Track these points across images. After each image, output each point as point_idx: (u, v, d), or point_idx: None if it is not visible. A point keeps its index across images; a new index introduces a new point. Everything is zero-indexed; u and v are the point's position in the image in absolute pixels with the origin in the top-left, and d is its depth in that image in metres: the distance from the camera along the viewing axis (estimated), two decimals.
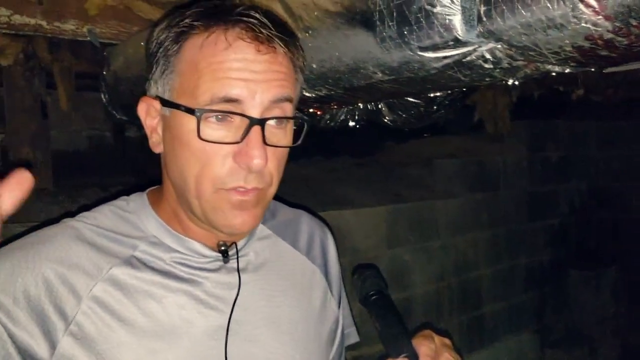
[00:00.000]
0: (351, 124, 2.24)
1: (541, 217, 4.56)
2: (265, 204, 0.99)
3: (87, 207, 1.06)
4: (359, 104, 1.82)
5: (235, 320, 1.00)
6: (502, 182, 4.25)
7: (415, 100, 1.76)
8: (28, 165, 0.72)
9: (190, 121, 0.91)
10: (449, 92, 1.70)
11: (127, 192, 1.11)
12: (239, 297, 1.01)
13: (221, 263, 1.02)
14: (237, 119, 0.91)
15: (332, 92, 1.38)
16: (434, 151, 4.37)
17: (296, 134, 1.04)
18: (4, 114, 2.93)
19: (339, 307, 1.21)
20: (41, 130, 2.93)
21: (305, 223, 1.22)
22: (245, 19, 0.92)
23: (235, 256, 1.04)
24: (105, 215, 1.03)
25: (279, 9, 1.38)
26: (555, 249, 4.69)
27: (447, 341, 1.02)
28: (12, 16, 1.97)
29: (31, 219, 2.54)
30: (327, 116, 2.13)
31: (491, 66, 1.08)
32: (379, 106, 1.96)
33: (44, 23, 2.05)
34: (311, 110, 1.62)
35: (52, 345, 0.89)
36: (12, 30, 2.00)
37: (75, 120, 3.37)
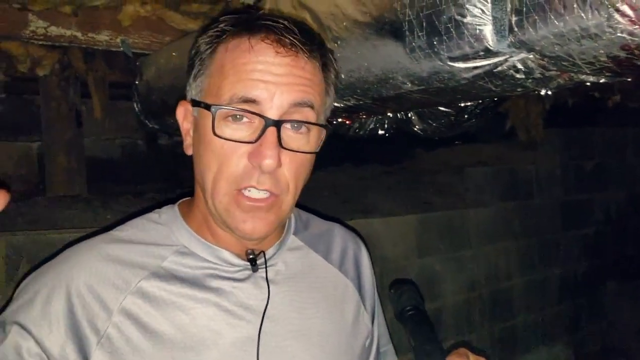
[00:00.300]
0: (380, 132, 2.23)
1: (576, 227, 4.46)
2: (280, 212, 0.98)
3: (122, 221, 1.08)
4: (389, 113, 1.81)
5: (264, 332, 0.99)
6: (535, 190, 4.17)
7: (446, 109, 1.74)
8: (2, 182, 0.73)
9: (209, 118, 0.92)
10: (480, 101, 1.68)
11: (160, 205, 1.12)
12: (268, 308, 1.00)
13: (250, 272, 1.02)
14: (256, 120, 0.92)
15: (361, 102, 1.37)
16: (465, 159, 4.32)
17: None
18: (41, 123, 3.00)
19: (373, 322, 1.19)
20: (75, 138, 2.98)
21: (339, 236, 1.21)
22: (270, 24, 0.94)
23: (264, 266, 1.04)
24: (137, 228, 1.04)
25: (308, 19, 1.38)
26: (590, 259, 4.58)
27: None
28: (48, 28, 2.02)
29: (65, 225, 2.60)
30: (356, 125, 2.13)
31: (523, 76, 1.07)
32: (409, 115, 1.94)
33: (78, 34, 2.09)
34: (340, 119, 1.62)
35: (85, 357, 0.90)
36: (48, 41, 2.05)
37: (108, 128, 3.43)
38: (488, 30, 1.00)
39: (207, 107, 0.93)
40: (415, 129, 1.99)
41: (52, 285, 0.93)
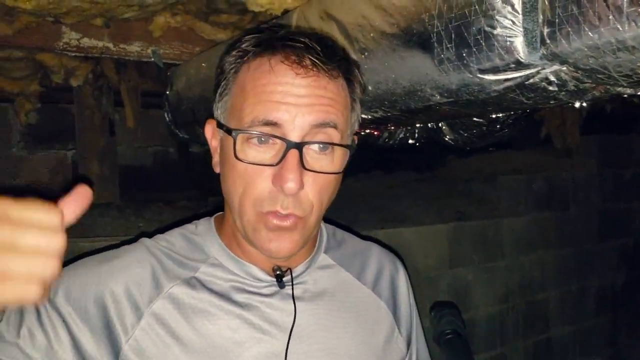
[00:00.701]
0: (410, 141, 2.20)
1: (614, 236, 4.34)
2: (305, 231, 0.97)
3: (162, 230, 1.11)
4: (417, 124, 1.78)
5: (290, 349, 0.98)
6: (571, 199, 4.07)
7: (478, 120, 1.70)
8: (88, 180, 0.76)
9: (233, 142, 0.92)
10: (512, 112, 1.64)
11: (198, 217, 1.14)
12: (294, 325, 1.00)
13: (277, 288, 1.02)
14: (279, 142, 0.91)
15: (389, 114, 1.35)
16: (499, 166, 4.24)
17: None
18: (75, 131, 3.06)
19: (409, 347, 1.16)
20: (108, 146, 3.03)
21: (375, 256, 1.19)
22: (291, 43, 0.93)
23: (291, 283, 1.03)
24: (175, 238, 1.07)
25: (334, 31, 1.36)
26: (629, 269, 4.45)
27: None
28: (81, 39, 2.05)
29: (98, 233, 2.63)
30: (386, 134, 2.10)
31: (556, 89, 1.03)
32: (440, 125, 1.91)
33: (110, 45, 2.12)
34: (367, 131, 1.59)
35: (116, 355, 0.92)
36: (81, 52, 2.08)
37: (141, 136, 3.48)
38: (519, 42, 0.96)
39: (229, 131, 0.93)
40: (446, 139, 1.95)
41: (90, 280, 0.95)
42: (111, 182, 3.07)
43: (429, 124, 1.95)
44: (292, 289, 1.02)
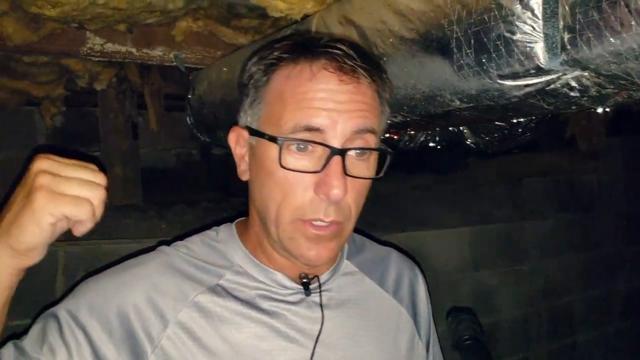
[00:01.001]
0: (431, 144, 2.19)
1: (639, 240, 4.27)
2: (342, 238, 0.98)
3: (181, 237, 1.11)
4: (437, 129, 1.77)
5: (316, 356, 0.98)
6: (596, 202, 4.01)
7: (499, 123, 1.68)
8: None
9: (273, 149, 0.92)
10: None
11: (218, 223, 1.14)
12: (320, 333, 1.00)
13: (303, 296, 1.02)
14: (319, 148, 0.91)
15: (408, 119, 1.34)
16: (523, 168, 4.19)
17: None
18: (99, 134, 3.10)
19: (428, 351, 1.17)
20: (132, 148, 3.07)
21: (394, 262, 1.19)
22: (330, 50, 0.93)
23: (317, 290, 1.03)
24: (196, 244, 1.06)
25: (354, 36, 1.36)
26: None
27: None
28: (104, 45, 2.08)
29: (121, 235, 2.66)
30: (406, 138, 2.09)
31: (578, 94, 1.01)
32: (461, 128, 1.89)
33: (133, 50, 2.15)
34: (387, 135, 1.59)
35: (153, 350, 0.92)
36: (105, 57, 2.11)
37: (163, 139, 3.51)
38: (539, 48, 0.95)
39: (273, 139, 0.92)
40: (468, 142, 1.94)
41: (112, 292, 0.96)
42: (134, 184, 3.10)
43: (450, 128, 1.94)
44: (320, 296, 1.03)
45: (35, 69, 2.34)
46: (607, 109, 1.09)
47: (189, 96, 2.29)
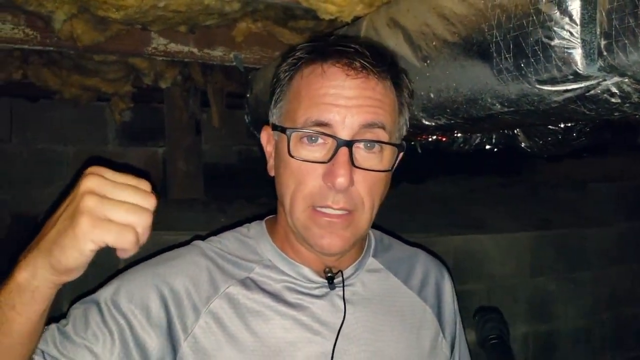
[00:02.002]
0: (487, 147, 2.15)
1: None
2: (357, 229, 1.01)
3: (215, 233, 1.17)
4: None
5: (338, 349, 1.01)
6: None
7: (552, 127, 1.65)
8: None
9: (286, 141, 0.98)
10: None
11: (249, 220, 1.19)
12: (342, 327, 1.03)
13: (327, 290, 1.06)
14: (330, 141, 0.96)
15: (452, 122, 1.34)
16: (589, 173, 4.06)
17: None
18: (164, 130, 3.23)
19: (452, 351, 1.18)
20: (195, 145, 3.19)
21: (421, 262, 1.22)
22: (341, 48, 0.98)
23: (342, 284, 1.06)
24: (228, 240, 1.12)
25: (400, 38, 1.38)
26: None
27: None
28: (168, 45, 2.17)
29: (182, 227, 2.77)
30: (461, 140, 2.07)
31: (619, 101, 0.99)
32: (515, 131, 1.86)
33: (195, 50, 2.23)
34: (434, 137, 1.59)
35: (175, 352, 0.98)
36: (168, 57, 2.20)
37: (225, 135, 3.61)
38: (577, 54, 0.94)
39: (283, 130, 0.98)
40: (522, 145, 1.91)
41: (151, 281, 1.01)
42: (196, 179, 3.22)
43: (501, 131, 1.91)
44: (343, 290, 1.06)
45: (104, 67, 2.47)
46: None
47: (247, 95, 2.36)
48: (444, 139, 1.66)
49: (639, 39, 0.83)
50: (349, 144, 0.95)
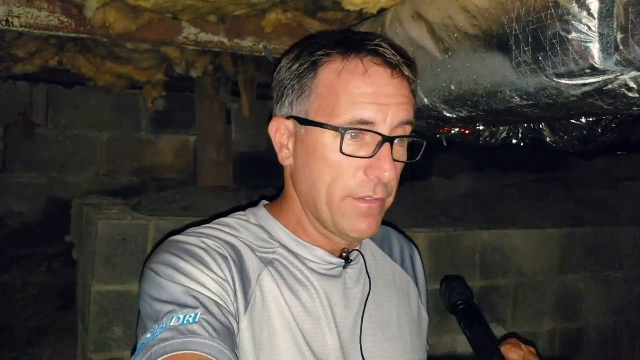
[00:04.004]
0: (514, 142, 2.14)
1: None
2: (384, 212, 1.07)
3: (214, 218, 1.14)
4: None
5: (364, 317, 1.08)
6: None
7: (577, 122, 1.63)
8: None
9: (328, 137, 1.00)
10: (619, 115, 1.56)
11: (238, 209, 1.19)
12: (368, 300, 1.10)
13: (341, 269, 1.10)
14: (369, 136, 0.99)
15: (473, 114, 1.35)
16: (625, 171, 3.98)
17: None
18: (196, 119, 3.29)
19: (428, 314, 1.28)
20: (225, 134, 3.23)
21: (396, 238, 1.29)
22: (378, 48, 1.00)
23: (355, 263, 1.12)
24: (238, 226, 1.10)
25: (423, 30, 1.38)
26: None
27: (532, 349, 1.08)
28: (199, 34, 2.21)
29: (212, 214, 2.82)
30: (487, 133, 2.06)
31: (637, 95, 0.99)
32: (541, 126, 1.85)
33: (225, 40, 2.26)
34: (457, 129, 1.59)
35: (246, 309, 0.99)
36: (198, 47, 2.24)
37: (255, 125, 3.65)
38: (594, 48, 0.94)
39: (335, 128, 0.99)
40: (548, 140, 1.89)
41: (222, 236, 1.02)
42: (226, 167, 3.26)
43: (531, 124, 1.90)
44: (366, 266, 1.13)
45: (137, 55, 2.53)
46: None
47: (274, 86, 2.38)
48: (467, 132, 1.66)
49: None
50: (392, 140, 0.99)
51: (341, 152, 0.98)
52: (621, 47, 0.89)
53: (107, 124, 3.64)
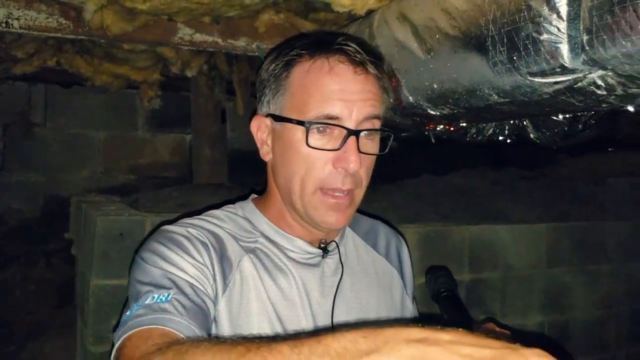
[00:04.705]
0: (500, 138, 2.21)
1: None
2: (355, 205, 1.13)
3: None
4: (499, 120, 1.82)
5: (335, 304, 1.15)
6: None
7: (557, 119, 1.71)
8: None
9: (299, 132, 1.08)
10: (593, 111, 1.63)
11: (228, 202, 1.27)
12: (339, 285, 1.17)
13: (320, 259, 1.18)
14: (337, 130, 1.07)
15: (455, 111, 1.41)
16: (612, 168, 4.05)
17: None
18: (191, 117, 3.35)
19: (413, 303, 1.34)
20: (220, 132, 3.29)
21: (382, 230, 1.36)
22: (343, 47, 1.08)
23: (333, 253, 1.19)
24: (224, 217, 1.19)
25: (408, 31, 1.45)
26: None
27: (507, 333, 1.13)
28: (193, 35, 2.27)
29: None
30: (474, 130, 2.13)
31: (605, 93, 1.06)
32: (525, 123, 1.92)
33: (219, 40, 2.33)
34: (441, 127, 1.66)
35: (224, 291, 1.07)
36: (193, 47, 2.30)
37: (250, 123, 3.70)
38: (564, 48, 1.00)
39: (300, 123, 1.07)
40: (531, 137, 1.96)
41: (204, 225, 1.11)
42: (221, 165, 3.32)
43: (516, 121, 1.97)
44: (340, 255, 1.20)
45: (134, 56, 2.59)
46: (639, 108, 1.12)
47: None
48: (452, 129, 1.73)
49: (616, 35, 0.89)
50: (357, 133, 1.06)
51: (307, 144, 1.06)
52: (587, 48, 0.96)
53: (104, 123, 3.70)
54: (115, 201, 2.70)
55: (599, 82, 1.04)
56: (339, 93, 1.06)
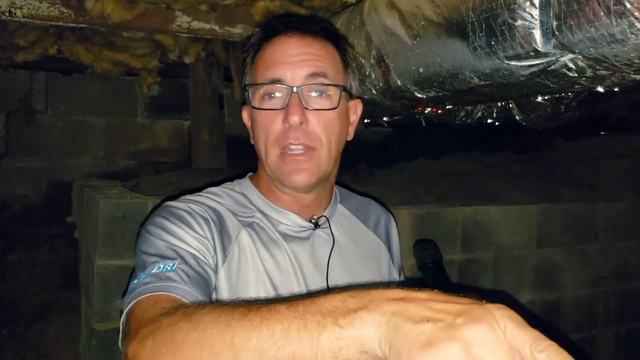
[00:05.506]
0: (489, 121, 2.29)
1: None
2: (319, 162, 1.18)
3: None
4: (485, 102, 1.89)
5: (329, 274, 1.22)
6: None
7: (540, 101, 1.78)
8: None
9: (255, 102, 1.17)
10: (576, 94, 1.70)
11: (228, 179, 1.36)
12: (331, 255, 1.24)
13: (311, 232, 1.25)
14: (284, 92, 1.14)
15: (440, 94, 1.49)
16: (604, 150, 4.12)
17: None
18: (189, 103, 3.41)
19: (400, 276, 1.42)
20: (218, 117, 3.35)
21: (373, 207, 1.43)
22: (289, 22, 1.19)
23: (323, 226, 1.26)
24: (222, 194, 1.27)
25: (396, 18, 1.52)
26: None
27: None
28: (191, 22, 2.34)
29: None
30: (462, 113, 2.21)
31: (576, 75, 1.13)
32: (510, 105, 1.99)
33: (216, 27, 2.39)
34: (429, 109, 1.73)
35: (223, 261, 1.14)
36: (191, 34, 2.37)
37: None
38: (537, 33, 1.08)
39: (244, 88, 1.19)
40: (517, 118, 2.03)
41: (205, 201, 1.18)
42: (219, 149, 3.38)
43: (502, 103, 2.04)
44: (330, 227, 1.26)
45: (133, 43, 2.65)
46: (607, 89, 1.19)
47: None
48: (440, 112, 1.80)
49: (581, 21, 0.97)
50: (298, 89, 1.14)
51: (252, 106, 1.15)
52: (557, 33, 1.03)
53: (105, 109, 3.76)
54: (116, 186, 2.77)
55: (570, 65, 1.12)
56: (280, 58, 1.15)
